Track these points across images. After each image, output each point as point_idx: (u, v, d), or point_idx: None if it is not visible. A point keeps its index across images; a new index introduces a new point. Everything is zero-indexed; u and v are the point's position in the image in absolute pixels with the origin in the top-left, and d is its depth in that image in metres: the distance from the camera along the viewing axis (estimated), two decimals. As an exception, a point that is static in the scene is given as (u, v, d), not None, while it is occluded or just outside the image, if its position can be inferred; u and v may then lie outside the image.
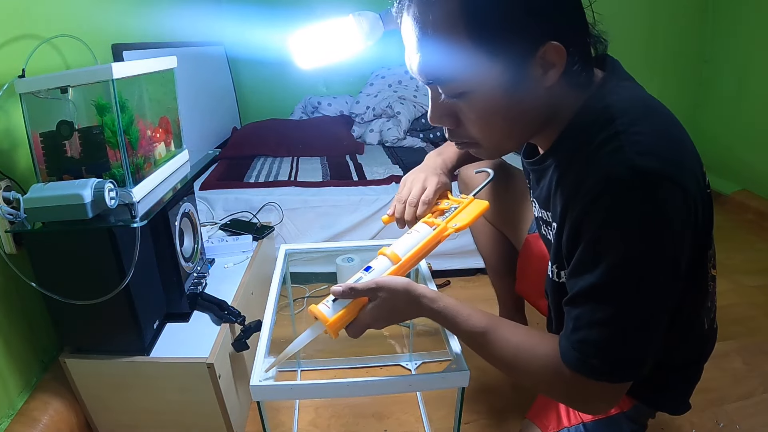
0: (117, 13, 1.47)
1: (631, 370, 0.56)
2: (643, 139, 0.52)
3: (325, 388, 0.76)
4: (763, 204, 2.31)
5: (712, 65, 2.71)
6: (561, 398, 0.65)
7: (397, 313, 0.67)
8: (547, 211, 0.71)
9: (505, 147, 0.64)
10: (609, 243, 0.53)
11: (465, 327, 0.65)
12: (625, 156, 0.51)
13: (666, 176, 0.50)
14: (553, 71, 0.55)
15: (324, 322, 0.67)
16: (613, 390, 0.58)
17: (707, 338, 0.75)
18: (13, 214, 0.81)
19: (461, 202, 0.81)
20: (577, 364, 0.56)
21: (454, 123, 0.62)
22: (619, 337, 0.54)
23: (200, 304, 1.10)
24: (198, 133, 2.08)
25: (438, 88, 0.60)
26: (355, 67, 2.62)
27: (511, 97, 0.56)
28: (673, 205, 0.51)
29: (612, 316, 0.54)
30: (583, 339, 0.56)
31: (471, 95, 0.56)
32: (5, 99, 0.91)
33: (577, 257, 0.57)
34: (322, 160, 2.14)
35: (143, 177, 0.94)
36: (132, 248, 0.84)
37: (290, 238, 1.71)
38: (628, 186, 0.50)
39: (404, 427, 1.16)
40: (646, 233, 0.51)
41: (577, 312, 0.57)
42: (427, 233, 0.75)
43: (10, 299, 0.96)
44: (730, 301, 1.66)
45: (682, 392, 0.78)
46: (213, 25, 2.42)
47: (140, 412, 1.02)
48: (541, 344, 0.62)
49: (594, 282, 0.54)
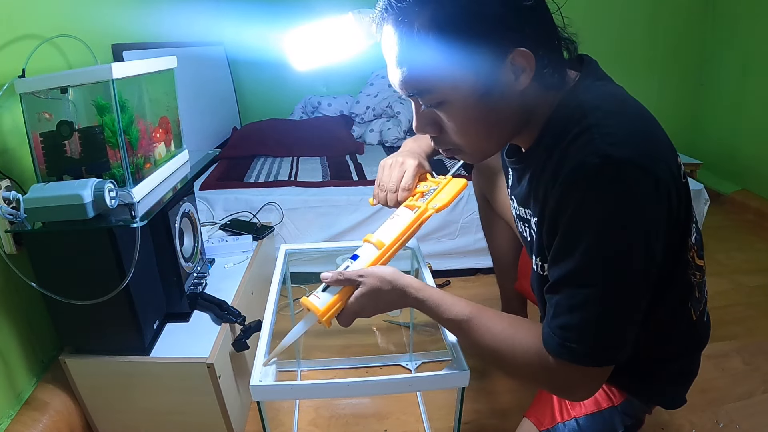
0: (117, 13, 1.47)
1: (611, 352, 0.58)
2: (614, 131, 0.54)
3: (325, 388, 0.76)
4: (763, 204, 2.31)
5: (712, 65, 2.71)
6: (543, 384, 0.66)
7: (383, 301, 0.69)
8: (525, 209, 0.73)
9: (486, 150, 0.67)
10: (583, 228, 0.55)
11: (449, 315, 0.67)
12: (597, 147, 0.53)
13: (637, 164, 0.53)
14: (524, 75, 0.57)
15: (316, 312, 0.69)
16: (594, 374, 0.60)
17: (698, 331, 0.76)
18: (13, 214, 0.81)
19: (439, 182, 0.84)
20: (557, 349, 0.58)
21: (437, 131, 0.65)
22: (598, 321, 0.56)
23: (200, 304, 1.10)
24: (198, 133, 2.08)
25: (419, 100, 0.63)
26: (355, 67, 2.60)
27: (486, 103, 0.59)
28: (645, 191, 0.53)
29: (589, 299, 0.56)
30: (562, 324, 0.58)
31: (448, 104, 0.60)
32: (5, 99, 0.91)
33: (555, 245, 0.59)
34: (322, 160, 2.14)
35: (143, 177, 0.94)
36: (132, 248, 0.84)
37: (290, 238, 1.71)
38: (600, 173, 0.52)
39: (404, 427, 1.16)
40: (618, 217, 0.53)
41: (557, 298, 0.59)
42: (408, 217, 0.77)
43: (10, 299, 0.96)
44: (730, 301, 1.66)
45: (676, 386, 0.78)
46: (213, 25, 2.42)
47: (140, 412, 1.02)
48: (523, 331, 0.64)
49: (571, 268, 0.56)
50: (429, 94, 0.60)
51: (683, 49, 2.76)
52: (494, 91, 0.58)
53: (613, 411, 0.77)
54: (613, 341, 0.58)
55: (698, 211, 1.85)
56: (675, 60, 2.78)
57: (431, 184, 0.84)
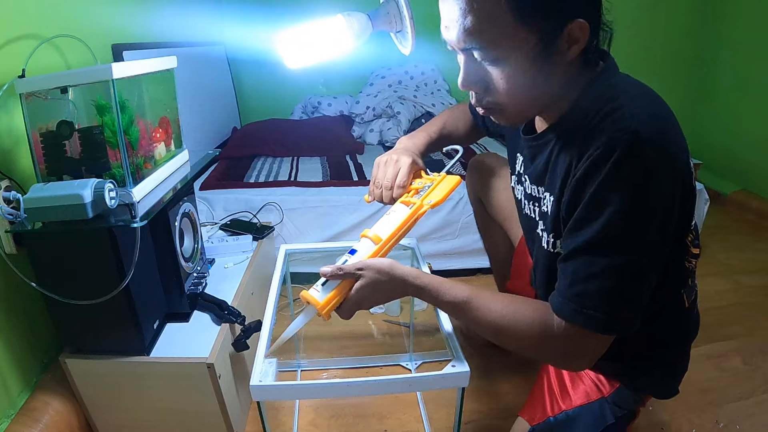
0: (117, 13, 1.47)
1: (623, 321, 0.61)
2: (642, 113, 0.59)
3: (325, 388, 0.76)
4: (763, 204, 2.31)
5: (712, 65, 2.71)
6: (546, 352, 0.68)
7: (383, 291, 0.71)
8: (539, 187, 0.75)
9: (525, 113, 0.69)
10: (609, 198, 0.58)
11: (449, 297, 0.69)
12: (628, 124, 0.57)
13: (661, 145, 0.57)
14: (576, 47, 0.60)
15: (315, 305, 0.70)
16: (600, 342, 0.63)
17: (689, 320, 0.79)
18: (13, 214, 0.81)
19: (434, 179, 0.86)
20: (573, 316, 0.61)
21: (483, 89, 0.66)
22: (615, 289, 0.59)
23: (200, 304, 1.10)
24: (198, 133, 2.08)
25: (474, 54, 0.63)
26: (355, 67, 2.62)
27: (538, 67, 0.61)
28: (666, 170, 0.58)
29: (607, 268, 0.59)
30: (580, 292, 0.61)
31: (504, 61, 0.61)
32: (5, 99, 0.91)
33: (577, 215, 0.62)
34: (322, 160, 2.14)
35: (143, 177, 0.94)
36: (132, 248, 0.84)
37: (290, 238, 1.71)
38: (630, 148, 0.56)
39: (404, 427, 1.16)
40: (642, 191, 0.57)
41: (575, 266, 0.62)
42: (404, 213, 0.79)
43: (10, 299, 0.96)
44: (730, 301, 1.66)
45: (668, 375, 0.80)
46: (213, 25, 2.42)
47: (140, 412, 1.02)
48: (523, 306, 0.67)
49: (593, 234, 0.59)
50: (490, 49, 0.60)
51: (683, 49, 2.76)
52: (548, 56, 0.60)
53: (603, 402, 0.79)
54: (626, 310, 0.60)
55: (698, 211, 1.85)
56: (675, 60, 2.78)
57: (426, 181, 0.86)
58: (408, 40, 0.98)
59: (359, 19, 0.98)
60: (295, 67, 1.04)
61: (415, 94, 2.57)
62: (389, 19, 0.97)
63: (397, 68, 2.70)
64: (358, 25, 0.98)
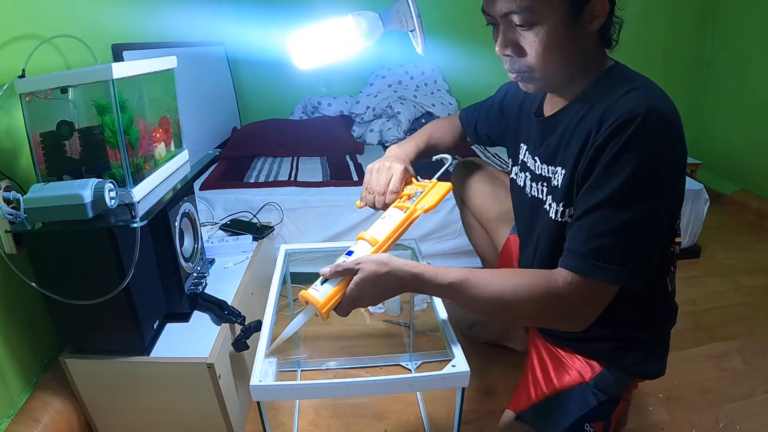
0: (117, 13, 1.47)
1: (638, 275, 0.66)
2: (657, 94, 0.67)
3: (325, 388, 0.75)
4: (763, 204, 2.31)
5: (712, 65, 2.71)
6: (550, 312, 0.71)
7: (382, 283, 0.71)
8: (550, 165, 0.80)
9: (553, 78, 0.74)
10: (629, 159, 0.64)
11: (448, 279, 0.71)
12: (644, 100, 0.65)
13: (673, 122, 0.65)
14: (597, 21, 0.69)
15: (315, 304, 0.71)
16: (606, 294, 0.68)
17: (671, 304, 0.85)
18: (13, 214, 0.81)
19: (425, 186, 0.89)
20: (589, 269, 0.66)
21: (517, 53, 0.72)
22: (632, 243, 0.65)
23: (200, 304, 1.10)
24: (198, 133, 2.08)
25: (514, 18, 0.69)
26: (355, 67, 2.61)
27: (569, 33, 0.69)
28: (677, 141, 0.65)
29: (626, 222, 0.64)
30: (597, 246, 0.66)
31: (539, 26, 0.68)
32: (5, 99, 0.91)
33: (596, 175, 0.67)
34: (322, 160, 2.14)
35: (143, 177, 0.93)
36: (132, 248, 0.84)
37: (290, 238, 1.71)
38: (646, 120, 0.63)
39: (404, 427, 1.16)
40: (659, 154, 0.64)
41: (592, 223, 0.67)
42: (399, 217, 0.82)
43: (10, 299, 0.96)
44: (730, 301, 1.66)
45: (650, 353, 0.83)
46: (213, 25, 2.42)
47: (140, 412, 1.02)
48: (522, 274, 0.71)
49: (612, 191, 0.65)
50: (528, 12, 0.67)
51: (683, 49, 2.76)
52: (574, 26, 0.68)
53: (585, 386, 0.81)
54: (642, 264, 0.66)
55: (698, 211, 1.85)
56: (675, 60, 2.78)
57: (417, 187, 0.89)
58: (419, 39, 0.97)
59: (370, 18, 0.97)
60: (305, 68, 1.04)
61: (415, 94, 2.57)
62: (400, 18, 0.96)
63: (397, 68, 2.70)
64: (368, 24, 0.97)
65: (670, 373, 1.31)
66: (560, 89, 0.78)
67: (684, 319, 1.56)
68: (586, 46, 0.72)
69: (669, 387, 1.27)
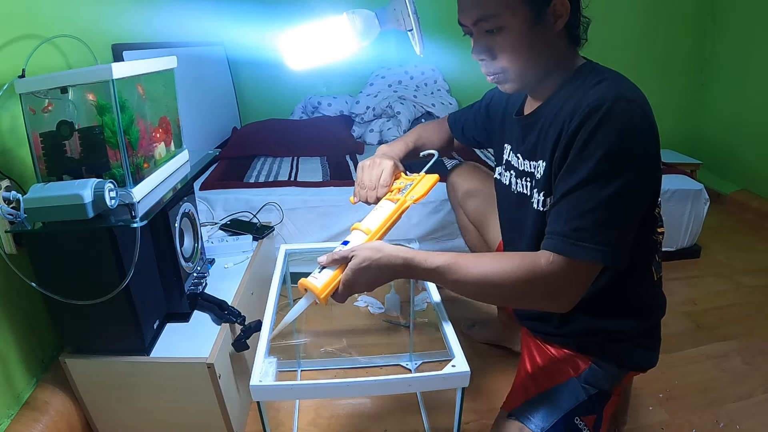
0: (117, 13, 1.47)
1: (616, 252, 0.68)
2: (626, 85, 0.72)
3: (325, 388, 0.75)
4: (763, 204, 2.31)
5: (712, 65, 2.71)
6: (534, 293, 0.72)
7: (376, 268, 0.74)
8: (532, 160, 0.83)
9: (526, 76, 0.78)
10: (597, 143, 0.67)
11: (438, 262, 0.74)
12: (612, 89, 0.70)
13: (641, 107, 0.69)
14: (560, 20, 0.74)
15: (313, 290, 0.75)
16: (588, 274, 0.70)
17: (658, 294, 0.87)
18: (13, 214, 0.81)
19: (414, 179, 0.94)
20: (570, 249, 0.68)
21: (490, 56, 0.78)
22: (609, 221, 0.68)
23: (200, 304, 1.10)
24: (198, 133, 2.08)
25: (483, 25, 0.75)
26: (355, 67, 2.61)
27: (534, 33, 0.74)
28: (647, 123, 0.69)
29: (602, 201, 0.67)
30: (577, 227, 0.68)
31: (507, 29, 0.74)
32: (5, 99, 0.91)
33: (570, 160, 0.71)
34: (322, 160, 2.14)
35: (143, 177, 0.93)
36: (132, 248, 0.84)
37: (290, 238, 1.71)
38: (616, 103, 0.67)
39: (404, 427, 1.16)
40: (629, 135, 0.67)
41: (570, 205, 0.70)
42: (390, 208, 0.87)
43: (10, 299, 0.96)
44: (730, 301, 1.66)
45: (639, 345, 0.85)
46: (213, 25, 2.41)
47: (140, 412, 1.02)
48: (509, 255, 0.74)
49: (587, 173, 0.68)
50: (494, 18, 0.73)
51: (683, 49, 2.76)
52: (539, 26, 0.73)
53: (574, 381, 0.84)
54: (619, 241, 0.68)
55: (698, 211, 1.85)
56: (675, 60, 2.78)
57: (406, 181, 0.94)
58: (416, 39, 0.96)
59: (365, 17, 0.95)
60: (298, 68, 1.03)
61: (415, 94, 2.57)
62: (397, 17, 0.94)
63: (397, 68, 2.70)
64: (363, 23, 0.96)
65: (670, 373, 1.32)
66: (536, 88, 0.82)
67: (684, 319, 1.56)
68: (554, 45, 0.76)
69: (669, 387, 1.27)
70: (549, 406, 0.82)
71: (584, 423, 0.81)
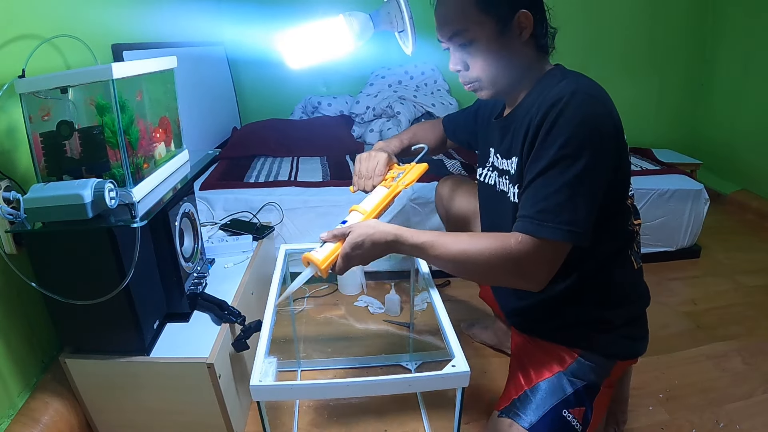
0: (117, 13, 1.47)
1: (577, 231, 0.73)
2: (584, 83, 0.78)
3: (325, 388, 0.76)
4: (763, 204, 2.31)
5: (712, 65, 2.71)
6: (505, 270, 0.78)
7: (368, 244, 0.82)
8: (507, 159, 0.89)
9: (497, 83, 0.86)
10: (557, 132, 0.74)
11: (420, 239, 0.82)
12: (571, 85, 0.76)
13: (597, 99, 0.76)
14: (525, 31, 0.81)
15: (315, 263, 0.82)
16: (555, 253, 0.75)
17: (640, 283, 0.92)
18: (13, 214, 0.81)
19: (405, 168, 1.03)
20: (536, 229, 0.74)
21: (465, 67, 0.86)
22: (570, 203, 0.73)
23: (200, 304, 1.10)
24: (198, 133, 2.08)
25: (456, 40, 0.84)
26: (355, 67, 2.61)
27: (501, 44, 0.82)
28: (604, 112, 0.75)
29: (563, 185, 0.73)
30: (541, 209, 0.74)
31: (477, 41, 0.82)
32: (5, 99, 0.91)
33: (533, 154, 0.77)
34: (322, 160, 2.14)
35: (143, 177, 0.93)
36: (132, 248, 0.84)
37: (290, 238, 1.71)
38: (573, 97, 0.74)
39: (404, 427, 1.16)
40: (588, 123, 0.73)
41: (535, 189, 0.76)
42: (383, 192, 0.97)
43: (10, 299, 0.96)
44: (730, 301, 1.66)
45: (623, 335, 0.88)
46: (213, 25, 2.42)
47: (140, 412, 1.02)
48: (484, 236, 0.81)
49: (547, 162, 0.74)
50: (464, 32, 0.82)
51: (683, 49, 2.76)
52: (506, 37, 0.81)
53: (560, 375, 0.87)
54: (580, 221, 0.73)
55: (698, 211, 1.85)
56: (675, 60, 2.78)
57: (399, 170, 1.03)
58: (409, 40, 0.98)
59: (360, 19, 0.98)
60: (296, 67, 1.05)
61: (415, 94, 2.57)
62: (390, 19, 0.98)
63: (397, 68, 2.70)
64: (359, 25, 0.98)
65: (670, 373, 1.32)
66: (509, 94, 0.89)
67: (684, 319, 1.57)
68: (522, 54, 0.83)
69: (669, 387, 1.27)
70: (537, 400, 0.85)
71: (573, 415, 0.84)
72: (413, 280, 1.27)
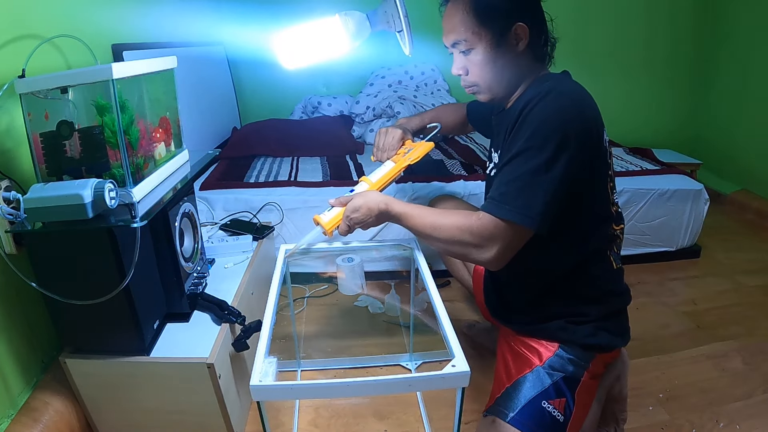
0: (117, 13, 1.47)
1: (533, 216, 0.80)
2: (565, 86, 0.84)
3: (325, 388, 0.76)
4: (763, 204, 2.31)
5: (712, 65, 2.71)
6: (464, 242, 0.86)
7: (365, 208, 0.95)
8: (496, 153, 0.98)
9: (494, 89, 0.93)
10: (527, 125, 0.82)
11: (402, 209, 0.94)
12: (549, 86, 0.83)
13: (572, 97, 0.82)
14: (521, 43, 0.88)
15: (321, 223, 0.99)
16: (512, 236, 0.83)
17: (619, 282, 0.95)
18: (13, 214, 0.81)
19: (415, 145, 1.16)
20: (495, 209, 0.82)
21: (465, 72, 0.94)
22: (530, 189, 0.80)
23: (200, 304, 1.10)
24: (198, 133, 2.08)
25: (458, 47, 0.91)
26: (355, 67, 2.61)
27: (497, 54, 0.89)
28: (571, 109, 0.81)
29: (526, 172, 0.80)
30: (503, 192, 0.82)
31: (476, 50, 0.90)
32: (5, 99, 0.91)
33: (507, 143, 0.86)
34: (322, 160, 2.14)
35: (143, 177, 0.93)
36: (132, 248, 0.84)
37: (290, 238, 1.71)
38: (546, 96, 0.81)
39: (404, 427, 1.16)
40: (552, 119, 0.80)
41: (502, 175, 0.84)
42: (390, 166, 1.12)
43: (10, 299, 0.96)
44: (730, 301, 1.66)
45: (601, 328, 0.91)
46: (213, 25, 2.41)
47: (140, 412, 1.02)
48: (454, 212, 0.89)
49: (515, 152, 0.82)
50: (465, 41, 0.89)
51: (683, 49, 2.76)
52: (503, 47, 0.88)
53: (538, 369, 0.91)
54: (535, 206, 0.80)
55: (698, 211, 1.85)
56: (675, 60, 2.78)
57: (410, 146, 1.17)
58: (406, 40, 0.98)
59: (357, 18, 0.98)
60: (291, 67, 1.05)
61: (415, 94, 2.57)
62: (387, 19, 0.98)
63: (397, 68, 2.70)
64: (354, 24, 0.98)
65: (670, 373, 1.33)
66: (506, 98, 0.96)
67: (684, 319, 1.57)
68: (518, 63, 0.90)
69: (669, 387, 1.28)
70: (517, 395, 0.89)
71: (553, 406, 0.87)
72: (413, 280, 1.27)
